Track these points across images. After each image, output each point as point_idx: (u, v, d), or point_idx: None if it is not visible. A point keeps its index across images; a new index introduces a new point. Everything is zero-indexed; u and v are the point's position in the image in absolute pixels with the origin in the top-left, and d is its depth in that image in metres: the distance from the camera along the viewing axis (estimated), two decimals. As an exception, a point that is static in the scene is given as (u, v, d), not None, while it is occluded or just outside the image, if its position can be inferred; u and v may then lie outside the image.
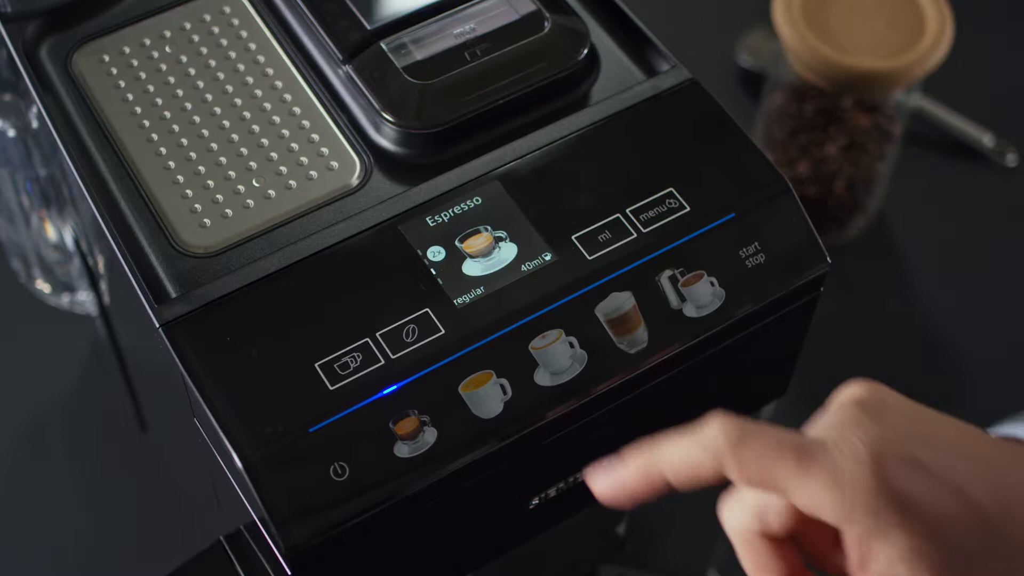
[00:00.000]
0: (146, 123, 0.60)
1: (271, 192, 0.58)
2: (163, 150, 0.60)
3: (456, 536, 0.57)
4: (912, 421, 0.47)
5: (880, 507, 0.44)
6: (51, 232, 0.89)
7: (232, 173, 0.59)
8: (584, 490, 0.60)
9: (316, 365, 0.52)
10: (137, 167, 0.59)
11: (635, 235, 0.56)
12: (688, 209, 0.57)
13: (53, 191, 0.85)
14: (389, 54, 0.60)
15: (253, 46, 0.63)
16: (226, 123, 0.60)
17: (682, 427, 0.47)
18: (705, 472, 0.47)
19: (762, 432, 0.46)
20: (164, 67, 0.62)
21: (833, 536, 0.47)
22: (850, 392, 0.48)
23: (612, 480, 0.49)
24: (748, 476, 0.46)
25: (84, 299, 0.93)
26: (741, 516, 0.48)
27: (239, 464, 0.50)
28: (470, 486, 0.53)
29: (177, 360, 0.53)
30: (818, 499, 0.45)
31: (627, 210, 0.57)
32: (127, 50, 0.63)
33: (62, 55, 0.63)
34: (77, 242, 0.82)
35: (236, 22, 0.64)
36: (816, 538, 0.48)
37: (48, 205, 0.87)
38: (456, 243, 0.56)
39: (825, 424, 0.47)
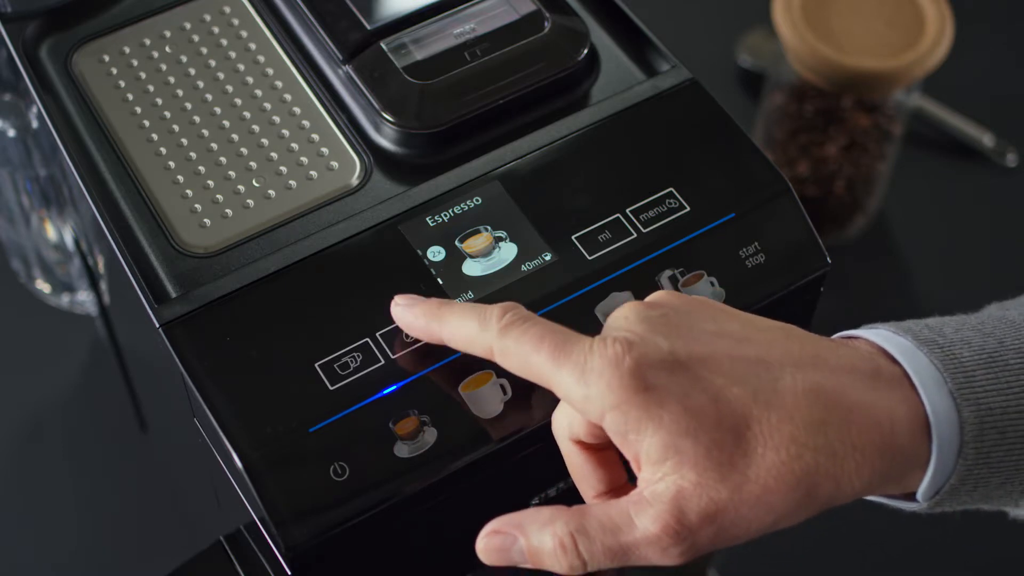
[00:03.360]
0: (146, 123, 0.60)
1: (271, 192, 0.58)
2: (163, 150, 0.60)
3: (456, 536, 0.57)
4: (702, 321, 0.47)
5: (621, 400, 0.44)
6: (51, 232, 0.89)
7: (232, 173, 0.59)
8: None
9: (316, 365, 0.52)
10: (137, 167, 0.59)
11: (635, 235, 0.56)
12: (688, 209, 0.57)
13: (53, 191, 0.85)
14: (389, 54, 0.60)
15: (253, 46, 0.63)
16: (226, 123, 0.60)
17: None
18: (476, 350, 0.49)
19: (532, 324, 0.47)
20: (164, 67, 0.62)
21: None
22: (652, 295, 0.49)
23: (403, 317, 0.51)
24: (509, 364, 0.47)
25: (84, 299, 0.93)
26: (559, 423, 0.49)
27: (239, 464, 0.50)
28: (470, 486, 0.53)
29: (177, 360, 0.53)
30: (567, 393, 0.46)
31: (627, 210, 0.57)
32: (127, 50, 0.63)
33: (62, 55, 0.63)
34: (77, 242, 0.82)
35: (236, 22, 0.64)
36: None
37: (48, 205, 0.87)
38: (456, 243, 0.56)
39: (607, 321, 0.48)
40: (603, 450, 0.49)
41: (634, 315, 0.47)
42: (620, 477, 0.49)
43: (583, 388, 0.45)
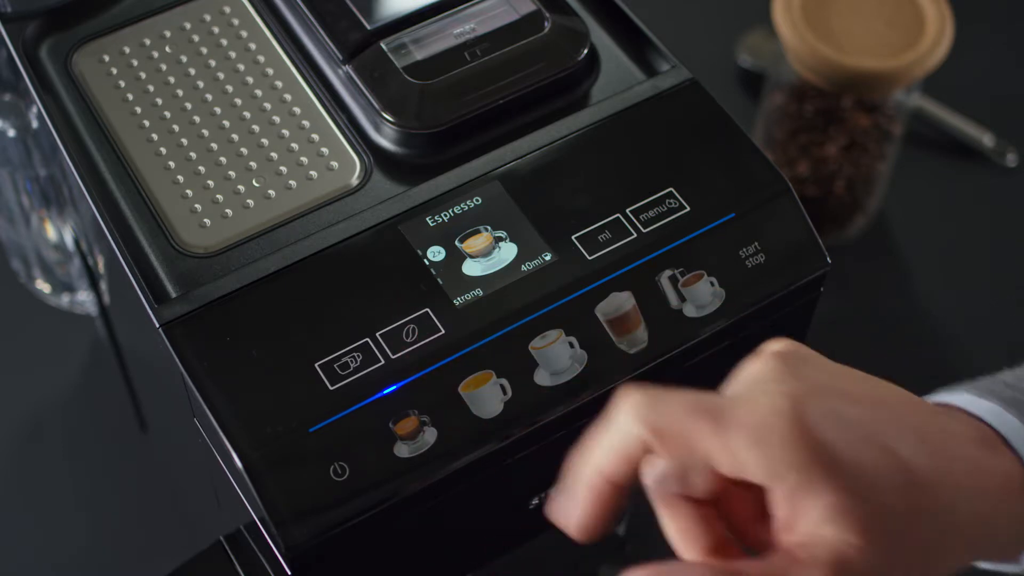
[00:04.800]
0: (146, 123, 0.60)
1: (271, 192, 0.58)
2: (163, 150, 0.60)
3: (456, 536, 0.57)
4: (836, 377, 0.45)
5: (804, 461, 0.42)
6: (51, 232, 0.89)
7: (232, 173, 0.59)
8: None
9: (316, 365, 0.52)
10: (137, 167, 0.59)
11: (635, 235, 0.56)
12: (688, 209, 0.57)
13: (53, 191, 0.85)
14: (389, 54, 0.60)
15: (253, 46, 0.63)
16: (226, 123, 0.60)
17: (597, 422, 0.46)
18: (639, 459, 0.45)
19: (674, 402, 0.44)
20: (164, 67, 0.62)
21: (756, 505, 0.45)
22: (771, 347, 0.46)
23: (572, 516, 0.47)
24: (673, 452, 0.44)
25: (84, 299, 0.93)
26: (663, 478, 0.45)
27: (239, 464, 0.50)
28: (470, 486, 0.53)
29: (177, 360, 0.53)
30: (740, 459, 0.43)
31: (627, 210, 0.57)
32: (127, 50, 0.63)
33: (62, 55, 0.63)
34: (77, 242, 0.82)
35: (236, 22, 0.64)
36: (739, 507, 0.46)
37: (48, 205, 0.87)
38: (456, 243, 0.56)
39: (743, 378, 0.45)
40: (706, 505, 0.46)
41: (780, 368, 0.45)
42: (722, 532, 0.46)
43: (757, 449, 0.42)
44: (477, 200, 0.57)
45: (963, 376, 0.53)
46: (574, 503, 0.46)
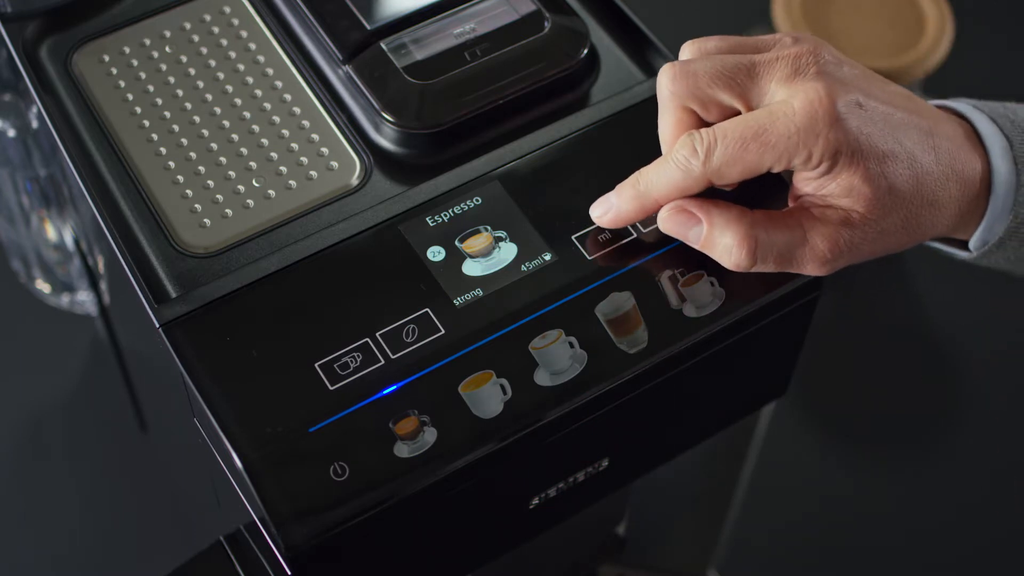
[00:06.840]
0: (146, 123, 0.60)
1: (271, 192, 0.58)
2: (163, 150, 0.60)
3: (456, 536, 0.57)
4: (859, 78, 0.53)
5: (836, 144, 0.51)
6: (51, 232, 0.89)
7: (232, 173, 0.59)
8: (584, 490, 0.60)
9: (316, 365, 0.52)
10: (137, 167, 0.59)
11: (635, 235, 0.56)
12: (688, 209, 0.57)
13: (53, 191, 0.85)
14: (389, 54, 0.60)
15: (253, 46, 0.63)
16: (226, 123, 0.60)
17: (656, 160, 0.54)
18: (697, 191, 0.54)
19: (721, 139, 0.51)
20: (164, 67, 0.62)
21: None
22: (806, 45, 0.53)
23: (614, 215, 0.55)
24: (731, 180, 0.53)
25: (84, 299, 0.93)
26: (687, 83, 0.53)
27: (239, 464, 0.50)
28: (470, 486, 0.53)
29: (177, 360, 0.53)
30: (786, 159, 0.51)
31: (627, 210, 0.57)
32: (127, 50, 0.63)
33: (62, 55, 0.63)
34: (77, 242, 0.82)
35: (236, 22, 0.64)
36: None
37: (48, 205, 0.87)
38: (456, 243, 0.56)
39: (781, 75, 0.52)
40: (696, 125, 0.53)
41: (815, 65, 0.52)
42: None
43: (802, 152, 0.51)
44: (477, 200, 0.57)
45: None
46: (617, 211, 0.55)
